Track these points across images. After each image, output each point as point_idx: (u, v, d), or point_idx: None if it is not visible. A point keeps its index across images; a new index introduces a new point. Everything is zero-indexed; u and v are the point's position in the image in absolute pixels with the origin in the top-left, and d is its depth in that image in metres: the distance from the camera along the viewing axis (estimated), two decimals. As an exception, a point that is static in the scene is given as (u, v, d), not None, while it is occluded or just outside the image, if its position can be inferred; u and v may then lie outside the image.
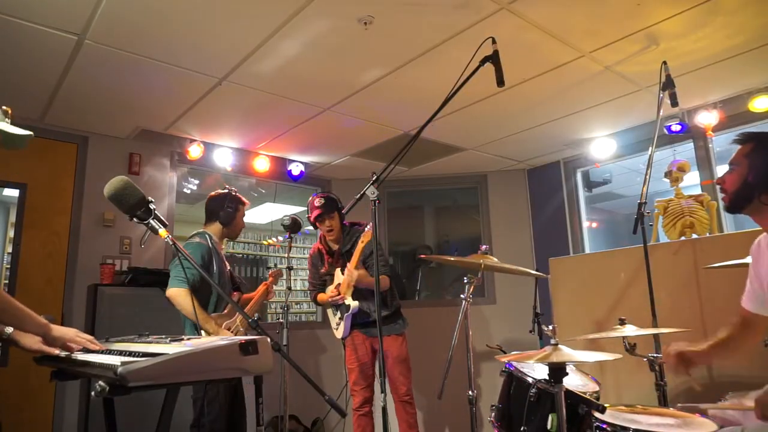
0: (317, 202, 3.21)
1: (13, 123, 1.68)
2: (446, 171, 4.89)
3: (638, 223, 2.42)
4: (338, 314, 3.29)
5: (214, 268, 2.71)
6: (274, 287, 3.18)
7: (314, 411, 4.43)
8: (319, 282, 3.39)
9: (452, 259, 2.69)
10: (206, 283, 2.69)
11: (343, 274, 3.15)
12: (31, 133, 1.69)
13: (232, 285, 2.96)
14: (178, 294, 2.54)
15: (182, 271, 2.55)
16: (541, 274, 2.73)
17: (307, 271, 3.54)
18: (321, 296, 3.36)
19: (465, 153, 4.38)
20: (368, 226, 2.87)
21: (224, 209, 2.86)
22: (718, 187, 1.87)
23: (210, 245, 2.75)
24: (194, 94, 3.17)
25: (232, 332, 2.66)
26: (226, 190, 2.96)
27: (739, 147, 1.80)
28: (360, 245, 3.03)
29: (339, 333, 3.30)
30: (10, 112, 1.68)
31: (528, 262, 4.71)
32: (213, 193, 2.97)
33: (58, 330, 1.61)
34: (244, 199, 3.00)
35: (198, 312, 2.50)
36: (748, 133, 1.80)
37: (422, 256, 3.28)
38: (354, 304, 3.13)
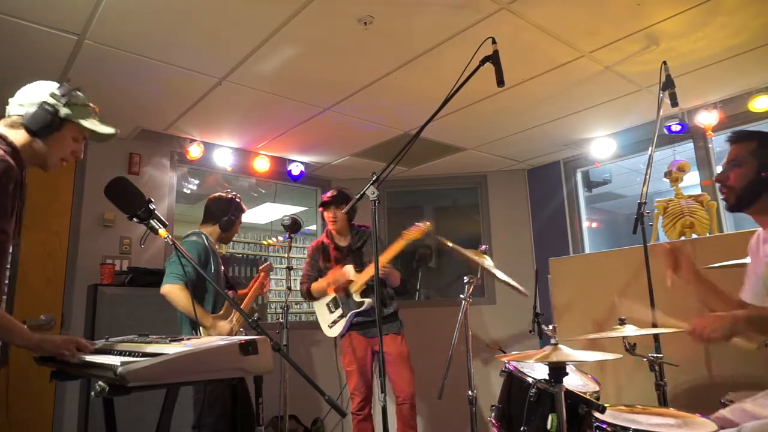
0: (329, 193, 3.34)
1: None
2: (446, 171, 4.89)
3: (638, 223, 2.41)
4: (337, 311, 3.26)
5: (212, 267, 2.72)
6: (269, 280, 3.17)
7: (314, 411, 4.43)
8: (315, 274, 3.37)
9: (452, 245, 2.59)
10: (202, 283, 2.69)
11: (357, 269, 3.18)
12: (118, 130, 1.74)
13: (227, 285, 2.96)
14: (172, 290, 2.54)
15: (177, 268, 2.56)
16: (523, 291, 2.60)
17: (305, 264, 3.47)
18: (320, 284, 3.27)
19: (465, 153, 4.38)
20: (420, 223, 2.95)
21: (227, 215, 2.88)
22: (718, 185, 1.85)
23: (206, 244, 2.76)
24: (194, 94, 3.17)
25: (231, 331, 2.66)
26: (231, 196, 2.95)
27: (736, 145, 1.79)
28: (402, 242, 3.04)
29: (334, 331, 3.25)
30: (97, 110, 1.75)
31: (528, 262, 4.71)
32: (216, 196, 2.96)
33: (45, 343, 1.58)
34: (244, 206, 3.02)
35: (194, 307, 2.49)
36: (748, 131, 1.80)
37: (432, 249, 3.22)
38: (367, 301, 3.13)
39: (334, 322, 3.26)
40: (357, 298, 3.17)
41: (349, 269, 3.20)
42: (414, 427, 3.17)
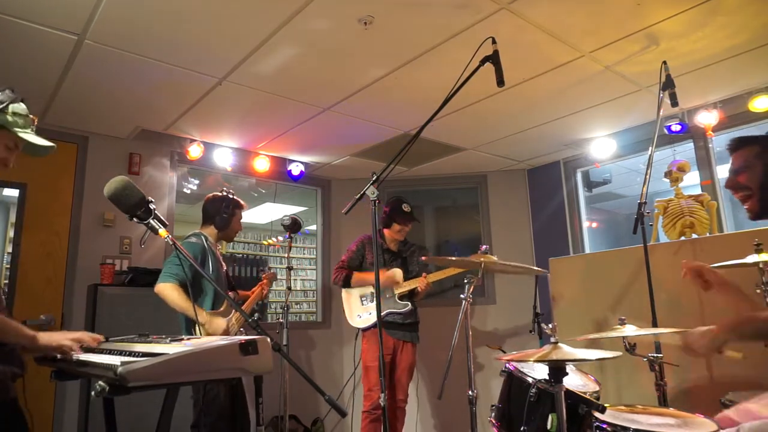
0: (406, 207, 3.51)
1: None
2: (446, 171, 4.89)
3: (638, 223, 2.42)
4: (372, 305, 3.40)
5: (209, 269, 2.71)
6: (269, 287, 3.20)
7: (314, 411, 4.43)
8: (357, 263, 3.56)
9: (453, 259, 2.69)
10: (199, 282, 2.69)
11: (405, 272, 3.49)
12: (54, 145, 1.71)
13: (228, 285, 2.96)
14: (165, 288, 2.54)
15: (172, 268, 2.56)
16: (540, 269, 2.72)
17: (347, 252, 3.62)
18: (365, 276, 3.46)
19: (465, 153, 4.38)
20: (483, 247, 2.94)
21: (220, 214, 2.86)
22: (730, 192, 1.82)
23: (205, 245, 2.76)
24: (194, 94, 3.17)
25: (229, 331, 2.66)
26: (224, 193, 2.93)
27: (739, 152, 1.77)
28: (451, 272, 3.33)
29: (362, 323, 3.41)
30: (35, 121, 1.70)
31: (528, 262, 4.70)
32: (211, 195, 2.95)
33: (43, 338, 1.55)
34: (241, 202, 2.99)
35: (188, 303, 2.49)
36: (746, 137, 1.78)
37: (423, 258, 3.30)
38: (409, 304, 3.45)
39: (363, 314, 3.42)
40: (397, 299, 3.42)
41: (398, 272, 3.44)
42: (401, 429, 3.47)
